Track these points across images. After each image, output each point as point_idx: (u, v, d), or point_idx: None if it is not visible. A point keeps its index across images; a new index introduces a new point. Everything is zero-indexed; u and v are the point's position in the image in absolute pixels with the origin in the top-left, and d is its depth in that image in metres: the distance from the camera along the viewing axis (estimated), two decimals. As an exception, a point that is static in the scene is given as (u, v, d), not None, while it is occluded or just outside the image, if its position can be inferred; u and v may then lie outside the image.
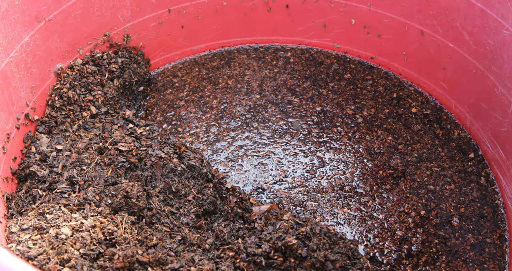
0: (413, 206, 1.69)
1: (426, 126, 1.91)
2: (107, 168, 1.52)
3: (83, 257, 1.26)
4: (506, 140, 1.68)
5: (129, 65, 1.88)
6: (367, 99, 1.99)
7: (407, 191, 1.72)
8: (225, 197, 1.60)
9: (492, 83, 1.70)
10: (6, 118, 1.51)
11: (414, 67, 2.02)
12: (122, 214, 1.41)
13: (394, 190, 1.73)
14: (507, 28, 1.56)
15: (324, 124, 1.91)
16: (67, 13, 1.70)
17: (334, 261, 1.31)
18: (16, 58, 1.54)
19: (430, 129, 1.90)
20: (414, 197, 1.71)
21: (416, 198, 1.71)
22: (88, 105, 1.71)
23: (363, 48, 2.12)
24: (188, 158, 1.63)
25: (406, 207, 1.68)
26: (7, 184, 1.49)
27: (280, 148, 1.84)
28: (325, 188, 1.73)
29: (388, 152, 1.83)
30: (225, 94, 2.02)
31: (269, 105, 1.98)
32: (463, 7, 1.71)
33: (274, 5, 2.10)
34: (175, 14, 2.01)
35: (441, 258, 1.57)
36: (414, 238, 1.61)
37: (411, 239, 1.61)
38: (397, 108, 1.97)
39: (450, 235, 1.62)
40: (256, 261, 1.32)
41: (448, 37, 1.82)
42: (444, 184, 1.75)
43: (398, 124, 1.91)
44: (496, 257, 1.58)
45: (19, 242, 1.30)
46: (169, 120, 1.93)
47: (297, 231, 1.38)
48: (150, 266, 1.27)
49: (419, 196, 1.71)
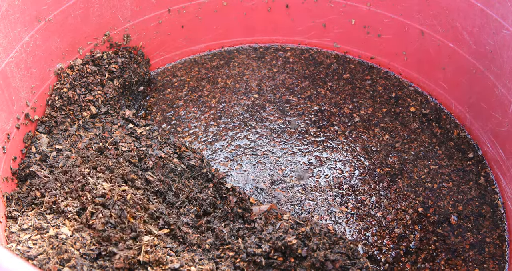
0: (410, 204, 1.69)
1: (424, 125, 1.91)
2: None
3: (83, 257, 1.26)
4: (506, 140, 1.68)
5: (129, 65, 1.88)
6: (365, 99, 2.00)
7: (405, 189, 1.73)
8: (225, 197, 1.60)
9: (492, 83, 1.70)
10: (6, 118, 1.51)
11: (414, 67, 2.02)
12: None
13: (392, 187, 1.73)
14: (507, 28, 1.57)
15: (322, 123, 1.91)
16: (67, 13, 1.70)
17: (334, 261, 1.32)
18: (16, 58, 1.54)
19: (427, 128, 1.90)
20: (412, 195, 1.71)
21: (414, 196, 1.71)
22: (88, 105, 1.72)
23: (363, 48, 2.12)
24: (188, 157, 1.63)
25: (404, 205, 1.69)
26: (7, 183, 1.49)
27: (278, 147, 1.84)
28: (322, 186, 1.73)
29: (385, 150, 1.83)
30: (224, 94, 2.02)
31: (267, 105, 1.98)
32: (463, 7, 1.71)
33: (274, 5, 2.10)
34: (175, 14, 2.01)
35: (441, 256, 1.57)
36: (412, 235, 1.62)
37: (409, 236, 1.61)
38: (395, 107, 1.97)
39: (448, 233, 1.62)
40: (256, 261, 1.33)
41: (448, 37, 1.82)
42: (442, 181, 1.75)
43: (395, 123, 1.91)
44: (496, 257, 1.58)
45: (19, 242, 1.30)
46: (168, 120, 1.93)
47: (297, 231, 1.38)
48: (150, 266, 1.27)
49: (417, 194, 1.71)
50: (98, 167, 1.51)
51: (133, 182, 1.49)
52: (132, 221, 1.36)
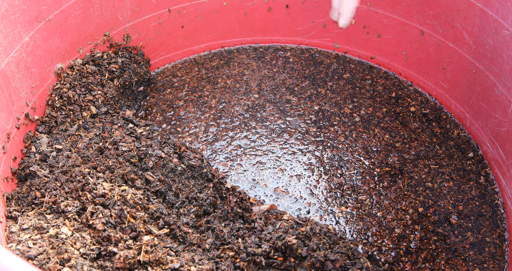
0: (410, 203, 1.69)
1: (424, 125, 1.91)
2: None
3: (83, 256, 1.26)
4: (506, 140, 1.68)
5: (129, 65, 1.88)
6: (366, 99, 2.00)
7: (405, 188, 1.73)
8: (225, 196, 1.60)
9: (492, 83, 1.70)
10: (6, 118, 1.51)
11: (414, 67, 2.02)
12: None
13: (392, 187, 1.73)
14: (507, 28, 1.57)
15: (322, 123, 1.91)
16: (67, 13, 1.70)
17: (334, 261, 1.32)
18: (16, 58, 1.54)
19: (428, 128, 1.90)
20: (412, 194, 1.71)
21: (414, 195, 1.71)
22: (88, 105, 1.72)
23: (363, 48, 2.12)
24: (188, 157, 1.63)
25: (404, 205, 1.69)
26: (7, 183, 1.49)
27: (278, 147, 1.84)
28: (322, 186, 1.73)
29: (385, 150, 1.83)
30: (224, 94, 2.02)
31: (267, 105, 1.98)
32: (463, 7, 1.71)
33: (274, 5, 2.10)
34: (175, 14, 2.01)
35: (441, 255, 1.57)
36: (413, 235, 1.62)
37: (409, 236, 1.61)
38: (395, 107, 1.97)
39: (449, 232, 1.62)
40: (256, 261, 1.33)
41: (448, 37, 1.82)
42: (442, 181, 1.75)
43: (395, 123, 1.91)
44: (496, 256, 1.58)
45: (19, 241, 1.30)
46: (168, 120, 1.93)
47: (297, 231, 1.38)
48: (150, 266, 1.27)
49: (417, 193, 1.71)
50: (98, 166, 1.51)
51: (133, 182, 1.50)
52: (132, 221, 1.36)
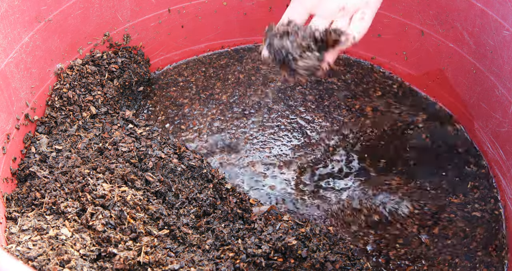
0: (410, 203, 1.69)
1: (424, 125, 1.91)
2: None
3: (83, 257, 1.26)
4: (506, 140, 1.68)
5: (129, 65, 1.88)
6: (366, 98, 1.99)
7: (405, 188, 1.73)
8: (225, 197, 1.60)
9: (492, 83, 1.70)
10: (6, 118, 1.51)
11: (414, 67, 2.02)
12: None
13: (392, 187, 1.73)
14: (507, 29, 1.56)
15: (322, 124, 1.91)
16: (67, 13, 1.70)
17: (334, 262, 1.32)
18: (16, 59, 1.54)
19: (428, 128, 1.90)
20: (412, 194, 1.71)
21: (414, 195, 1.71)
22: (88, 106, 1.71)
23: (363, 48, 2.12)
24: (188, 158, 1.63)
25: (404, 204, 1.69)
26: (7, 184, 1.49)
27: (282, 146, 1.85)
28: (323, 187, 1.73)
29: (385, 150, 1.83)
30: (236, 88, 2.02)
31: (267, 105, 1.98)
32: (463, 7, 1.71)
33: (275, 4, 2.10)
34: (175, 14, 2.01)
35: (441, 256, 1.57)
36: (412, 235, 1.62)
37: (409, 236, 1.61)
38: (394, 107, 1.97)
39: (448, 233, 1.62)
40: (256, 262, 1.33)
41: (448, 37, 1.82)
42: (442, 181, 1.75)
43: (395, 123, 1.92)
44: (496, 257, 1.58)
45: (19, 242, 1.30)
46: (170, 121, 1.93)
47: (297, 232, 1.38)
48: (150, 267, 1.27)
49: (417, 193, 1.71)
50: (98, 167, 1.51)
51: (133, 182, 1.49)
52: (132, 222, 1.36)
